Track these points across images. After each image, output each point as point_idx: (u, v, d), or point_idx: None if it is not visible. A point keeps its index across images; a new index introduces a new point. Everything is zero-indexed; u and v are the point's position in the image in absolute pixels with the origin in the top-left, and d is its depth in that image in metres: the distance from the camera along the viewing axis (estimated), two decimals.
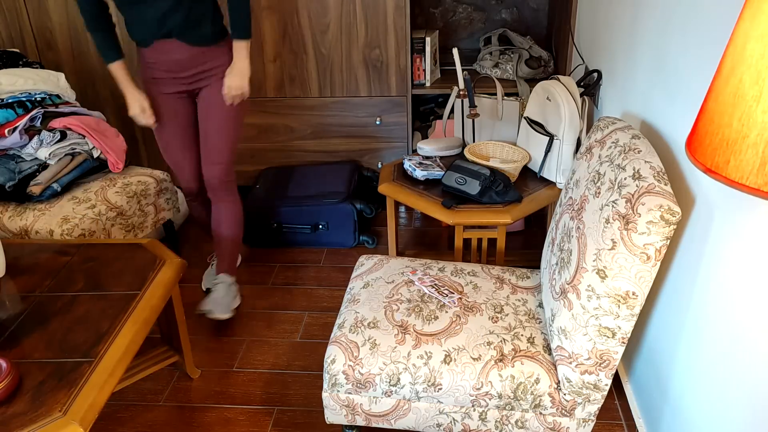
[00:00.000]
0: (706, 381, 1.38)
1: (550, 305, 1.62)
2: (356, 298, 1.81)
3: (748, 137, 0.75)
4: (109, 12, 2.08)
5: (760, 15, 0.73)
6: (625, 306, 1.40)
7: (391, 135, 3.06)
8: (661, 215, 1.31)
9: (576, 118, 2.13)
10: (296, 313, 2.47)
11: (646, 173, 1.39)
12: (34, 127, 2.45)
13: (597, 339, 1.46)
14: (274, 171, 3.10)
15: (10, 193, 2.34)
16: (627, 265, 1.36)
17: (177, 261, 1.92)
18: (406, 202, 2.25)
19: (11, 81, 2.50)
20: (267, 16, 2.84)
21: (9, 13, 2.90)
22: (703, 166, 0.82)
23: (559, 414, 1.59)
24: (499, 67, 2.88)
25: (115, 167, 2.55)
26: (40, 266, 1.90)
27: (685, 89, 1.49)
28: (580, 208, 1.59)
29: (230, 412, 2.02)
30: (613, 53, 2.10)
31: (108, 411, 2.04)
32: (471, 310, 1.73)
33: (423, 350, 1.61)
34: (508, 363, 1.58)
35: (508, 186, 2.17)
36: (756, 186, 0.75)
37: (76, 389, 1.44)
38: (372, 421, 1.68)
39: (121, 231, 2.46)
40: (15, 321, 1.67)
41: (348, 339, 1.66)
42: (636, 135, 1.56)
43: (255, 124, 3.09)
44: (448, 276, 1.89)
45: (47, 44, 2.96)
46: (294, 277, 2.70)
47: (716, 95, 0.80)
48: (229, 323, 2.42)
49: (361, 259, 2.02)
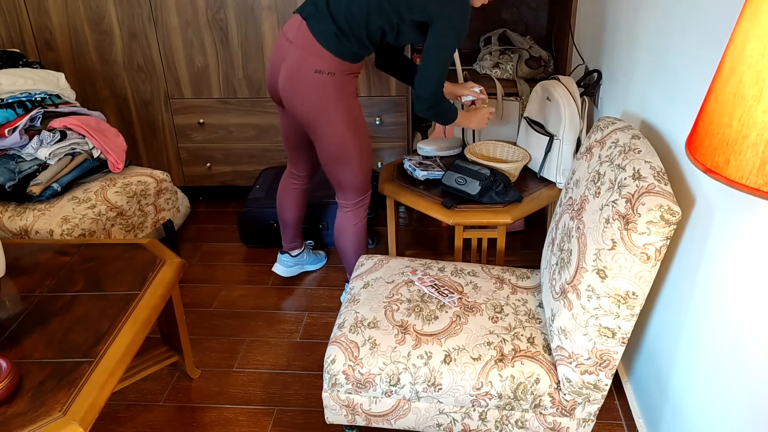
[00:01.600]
0: (706, 381, 1.38)
1: (550, 305, 1.62)
2: (356, 298, 1.81)
3: (748, 137, 0.75)
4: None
5: (760, 15, 0.73)
6: (625, 306, 1.40)
7: (391, 135, 3.06)
8: (661, 215, 1.31)
9: (576, 118, 2.13)
10: (296, 313, 2.47)
11: (646, 173, 1.39)
12: (34, 127, 2.45)
13: (597, 339, 1.46)
14: (274, 171, 3.10)
15: (10, 193, 2.34)
16: (627, 265, 1.36)
17: (177, 261, 1.92)
18: (406, 202, 2.25)
19: (11, 81, 2.50)
20: (267, 16, 2.84)
21: (9, 13, 2.90)
22: (703, 166, 0.82)
23: (559, 414, 1.59)
24: (499, 67, 2.88)
25: (115, 167, 2.55)
26: (40, 266, 1.90)
27: (685, 89, 1.49)
28: (580, 208, 1.59)
29: (230, 412, 2.02)
30: (613, 53, 2.10)
31: (108, 411, 2.04)
32: (471, 310, 1.73)
33: (423, 350, 1.61)
34: (508, 363, 1.58)
35: (508, 186, 2.17)
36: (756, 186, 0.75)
37: (76, 389, 1.44)
38: (372, 421, 1.68)
39: (121, 231, 2.46)
40: (15, 321, 1.67)
41: (348, 339, 1.66)
42: (636, 135, 1.56)
43: (255, 124, 3.09)
44: (448, 276, 1.89)
45: (47, 44, 2.96)
46: (294, 277, 2.70)
47: (716, 95, 0.80)
48: (229, 323, 2.42)
49: (361, 259, 2.02)
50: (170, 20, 2.88)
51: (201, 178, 3.26)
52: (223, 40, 2.91)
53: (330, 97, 1.96)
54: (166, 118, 3.10)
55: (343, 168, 2.11)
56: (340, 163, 2.10)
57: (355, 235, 2.27)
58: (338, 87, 1.96)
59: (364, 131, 2.10)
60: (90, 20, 2.90)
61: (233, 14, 2.85)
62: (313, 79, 1.94)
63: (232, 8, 2.84)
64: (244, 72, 2.97)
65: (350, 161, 2.10)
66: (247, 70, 2.97)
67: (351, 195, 2.20)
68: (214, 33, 2.90)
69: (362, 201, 2.23)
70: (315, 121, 2.01)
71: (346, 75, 1.98)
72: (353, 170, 2.12)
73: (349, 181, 2.15)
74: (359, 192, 2.20)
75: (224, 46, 2.92)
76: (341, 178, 2.15)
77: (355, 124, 2.05)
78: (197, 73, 2.98)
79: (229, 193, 3.39)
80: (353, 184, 2.16)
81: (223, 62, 2.95)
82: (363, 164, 2.13)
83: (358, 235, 2.27)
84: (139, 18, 2.88)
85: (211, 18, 2.86)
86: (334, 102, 1.97)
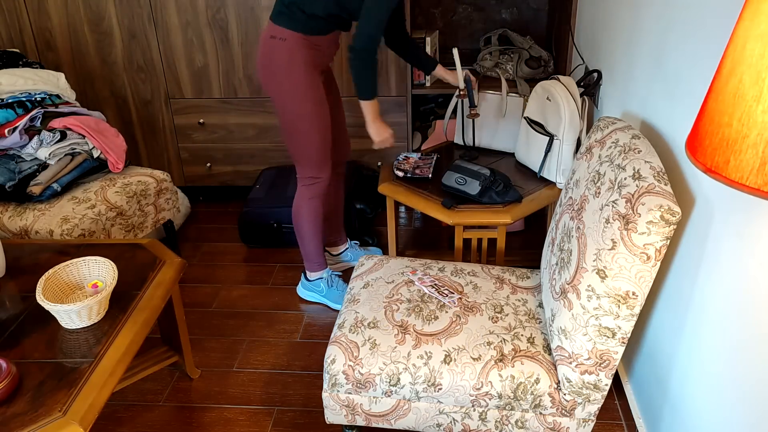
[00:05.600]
0: (706, 381, 1.38)
1: (550, 305, 1.62)
2: (356, 298, 1.81)
3: (748, 137, 0.75)
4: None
5: (760, 15, 0.73)
6: (625, 306, 1.40)
7: None
8: (661, 215, 1.31)
9: (576, 117, 2.13)
10: (296, 313, 2.47)
11: (646, 173, 1.39)
12: (34, 127, 2.45)
13: (597, 339, 1.46)
14: (274, 171, 3.10)
15: (10, 193, 2.34)
16: (627, 265, 1.36)
17: (177, 261, 1.92)
18: (406, 202, 2.25)
19: (11, 81, 2.50)
20: (267, 16, 2.84)
21: (9, 13, 2.90)
22: (703, 166, 0.82)
23: (559, 414, 1.59)
24: (499, 67, 2.88)
25: (115, 167, 2.55)
26: (40, 266, 1.90)
27: (685, 89, 1.49)
28: (580, 208, 1.58)
29: (230, 412, 2.02)
30: (613, 53, 2.10)
31: (108, 411, 2.04)
32: (471, 310, 1.73)
33: (423, 350, 1.61)
34: (508, 363, 1.58)
35: (508, 186, 2.17)
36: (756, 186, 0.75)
37: (76, 389, 1.44)
38: (372, 421, 1.68)
39: (121, 231, 2.46)
40: (15, 321, 1.67)
41: (348, 339, 1.66)
42: (636, 135, 1.56)
43: (255, 124, 3.09)
44: (448, 276, 1.89)
45: (47, 44, 2.96)
46: (294, 277, 2.70)
47: (716, 95, 0.80)
48: (229, 323, 2.42)
49: (361, 259, 2.02)
50: (170, 20, 2.88)
51: (201, 178, 3.26)
52: (224, 39, 2.91)
53: (281, 61, 2.08)
54: (167, 118, 3.10)
55: (293, 138, 2.21)
56: (292, 132, 2.20)
57: (310, 213, 2.33)
58: (290, 52, 2.08)
59: (319, 110, 2.17)
60: (90, 20, 2.90)
61: (233, 14, 2.85)
62: (268, 44, 2.10)
63: (232, 8, 2.84)
64: (244, 72, 2.97)
65: (301, 135, 2.19)
66: (248, 70, 2.97)
67: (305, 169, 2.27)
68: (214, 33, 2.90)
69: (317, 180, 2.29)
70: (267, 85, 2.14)
71: (300, 44, 2.08)
72: (302, 142, 2.20)
73: (300, 153, 2.23)
74: (312, 167, 2.26)
75: (224, 45, 2.92)
76: (292, 149, 2.25)
77: (307, 96, 2.13)
78: (197, 72, 2.98)
79: (229, 193, 3.39)
80: (304, 156, 2.23)
81: (223, 62, 2.95)
82: (313, 139, 2.20)
83: (313, 213, 2.33)
84: (139, 18, 2.88)
85: (211, 18, 2.86)
86: (286, 66, 2.08)
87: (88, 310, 1.62)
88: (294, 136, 2.19)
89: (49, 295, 1.67)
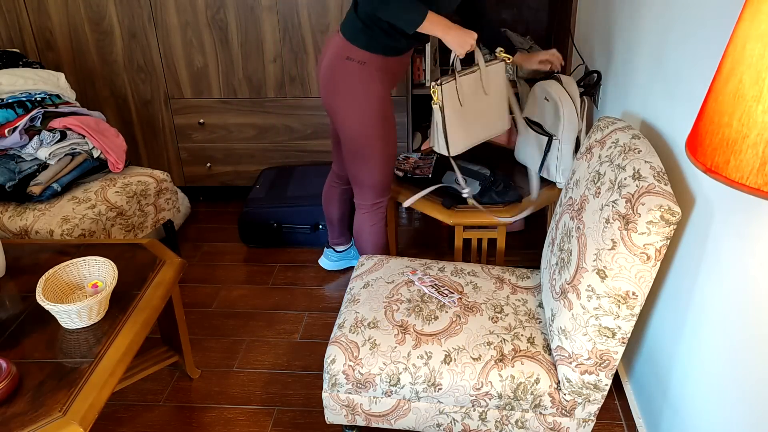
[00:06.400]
0: (706, 381, 1.38)
1: (550, 305, 1.62)
2: (356, 298, 1.81)
3: (748, 137, 0.75)
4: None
5: (760, 15, 0.73)
6: (625, 306, 1.40)
7: None
8: (661, 215, 1.31)
9: (574, 117, 2.13)
10: (296, 313, 2.47)
11: (646, 173, 1.39)
12: (34, 127, 2.45)
13: (597, 339, 1.46)
14: (274, 171, 3.10)
15: (10, 193, 2.34)
16: (627, 265, 1.36)
17: (177, 261, 1.92)
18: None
19: (11, 81, 2.50)
20: (267, 16, 2.84)
21: (9, 13, 2.90)
22: (704, 166, 0.82)
23: (559, 414, 1.58)
24: None
25: (115, 167, 2.55)
26: (40, 266, 1.90)
27: (685, 89, 1.49)
28: (580, 208, 1.58)
29: (230, 412, 2.02)
30: (613, 53, 2.10)
31: (108, 411, 2.04)
32: (471, 310, 1.73)
33: (423, 350, 1.61)
34: (508, 363, 1.58)
35: (508, 186, 2.17)
36: (756, 186, 0.75)
37: (76, 389, 1.44)
38: (372, 421, 1.68)
39: (121, 231, 2.46)
40: (15, 321, 1.67)
41: (348, 339, 1.66)
42: (636, 135, 1.56)
43: (255, 124, 3.09)
44: (448, 276, 1.89)
45: (47, 44, 2.96)
46: (294, 277, 2.70)
47: (716, 95, 0.80)
48: (229, 323, 2.42)
49: (361, 259, 2.02)
50: (170, 20, 2.88)
51: (201, 178, 3.26)
52: (223, 40, 2.91)
53: (357, 85, 1.97)
54: (166, 118, 3.10)
55: (361, 163, 2.10)
56: (359, 159, 2.09)
57: (373, 237, 2.26)
58: (369, 76, 1.97)
59: (390, 133, 2.09)
60: (90, 20, 2.90)
61: (233, 14, 2.85)
62: (343, 66, 1.96)
63: (232, 8, 2.84)
64: (244, 72, 2.97)
65: (369, 159, 2.09)
66: (247, 70, 2.97)
67: (368, 195, 2.19)
68: (213, 33, 2.90)
69: (379, 204, 2.22)
70: (336, 108, 2.03)
71: (379, 67, 1.98)
72: (369, 165, 2.11)
73: (366, 177, 2.14)
74: (376, 193, 2.19)
75: (224, 46, 2.92)
76: (357, 173, 2.14)
77: (380, 122, 2.03)
78: (197, 73, 2.98)
79: (229, 193, 3.39)
80: (370, 180, 2.15)
81: (223, 62, 2.95)
82: (382, 165, 2.12)
83: (376, 237, 2.26)
84: (139, 18, 2.88)
85: (211, 18, 2.86)
86: (362, 91, 1.98)
87: (88, 310, 1.62)
88: (362, 160, 2.09)
89: (49, 295, 1.67)
